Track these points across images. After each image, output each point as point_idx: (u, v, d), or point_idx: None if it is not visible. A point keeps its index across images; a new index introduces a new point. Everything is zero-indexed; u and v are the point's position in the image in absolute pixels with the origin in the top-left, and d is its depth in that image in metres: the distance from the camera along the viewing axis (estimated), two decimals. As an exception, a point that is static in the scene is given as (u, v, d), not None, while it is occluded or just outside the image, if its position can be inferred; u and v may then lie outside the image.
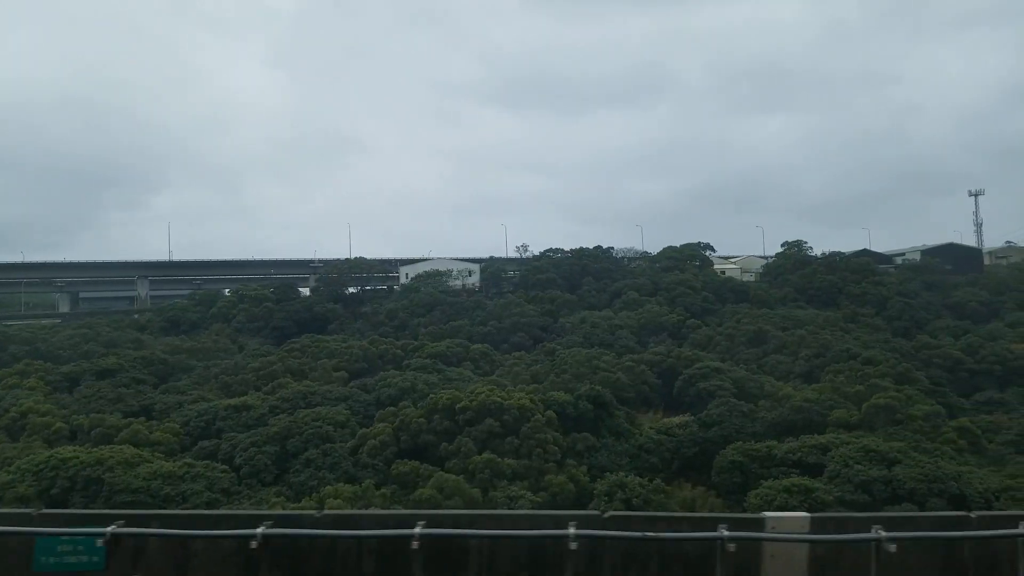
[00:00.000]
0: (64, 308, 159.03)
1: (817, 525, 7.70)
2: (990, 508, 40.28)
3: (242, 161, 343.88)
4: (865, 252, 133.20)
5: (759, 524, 7.75)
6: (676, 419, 60.95)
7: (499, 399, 46.90)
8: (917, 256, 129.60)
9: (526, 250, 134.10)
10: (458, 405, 46.81)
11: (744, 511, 43.64)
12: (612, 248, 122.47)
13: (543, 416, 47.67)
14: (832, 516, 8.77)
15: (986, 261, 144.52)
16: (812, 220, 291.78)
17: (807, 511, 10.25)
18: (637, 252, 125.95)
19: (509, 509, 38.38)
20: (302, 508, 33.00)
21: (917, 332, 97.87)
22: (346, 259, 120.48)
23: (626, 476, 42.32)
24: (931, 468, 43.12)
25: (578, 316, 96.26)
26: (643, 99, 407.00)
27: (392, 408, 50.27)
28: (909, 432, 52.71)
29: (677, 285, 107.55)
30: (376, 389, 56.21)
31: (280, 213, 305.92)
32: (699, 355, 77.13)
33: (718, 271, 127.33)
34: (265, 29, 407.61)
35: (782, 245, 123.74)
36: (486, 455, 42.95)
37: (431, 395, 49.13)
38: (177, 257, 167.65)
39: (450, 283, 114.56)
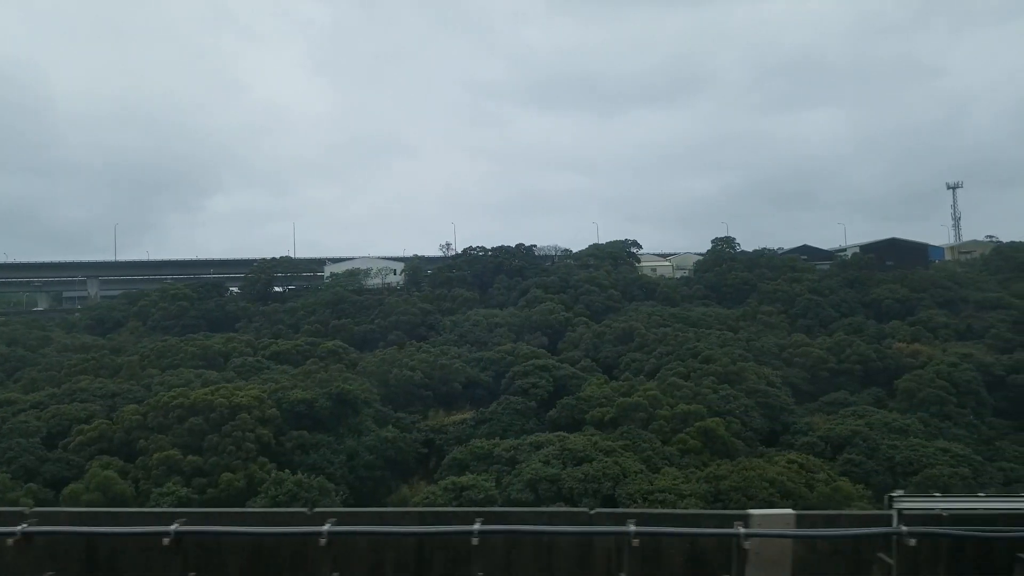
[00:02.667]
0: (43, 306, 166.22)
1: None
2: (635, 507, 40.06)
3: (289, 164, 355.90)
4: (805, 248, 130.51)
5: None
6: (454, 417, 61.49)
7: (212, 398, 48.25)
8: (858, 251, 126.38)
9: (449, 248, 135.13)
10: (172, 403, 48.36)
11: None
12: (534, 246, 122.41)
13: (260, 414, 48.86)
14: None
15: (948, 256, 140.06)
16: (858, 214, 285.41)
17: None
18: (559, 249, 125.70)
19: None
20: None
21: (820, 330, 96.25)
22: (272, 258, 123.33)
23: (292, 474, 43.37)
24: (596, 470, 42.99)
25: (463, 315, 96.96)
26: (679, 96, 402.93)
27: (135, 406, 52.09)
28: (651, 432, 52.28)
29: (584, 283, 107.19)
30: (152, 388, 58.15)
31: (325, 213, 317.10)
32: (537, 352, 77.25)
33: (649, 268, 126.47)
34: (305, 39, 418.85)
35: (712, 241, 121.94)
36: (167, 452, 44.38)
37: (158, 394, 50.79)
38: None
39: (368, 282, 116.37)
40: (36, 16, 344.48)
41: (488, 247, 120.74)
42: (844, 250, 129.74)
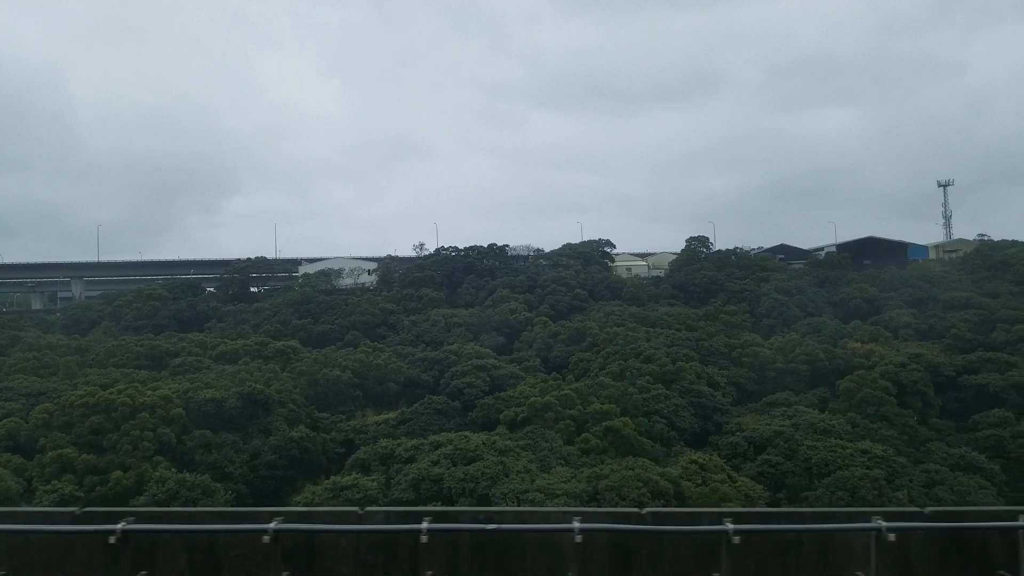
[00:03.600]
0: (38, 306, 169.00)
1: None
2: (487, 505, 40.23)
3: (304, 166, 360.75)
4: (782, 247, 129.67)
5: None
6: (379, 417, 61.93)
7: (116, 397, 49.01)
8: (834, 251, 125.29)
9: (422, 248, 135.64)
10: (77, 402, 49.20)
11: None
12: (507, 246, 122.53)
13: (165, 413, 49.54)
14: None
15: (932, 254, 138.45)
16: (869, 212, 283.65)
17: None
18: (532, 249, 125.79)
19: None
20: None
21: (784, 329, 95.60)
22: (247, 259, 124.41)
23: (179, 472, 44.06)
24: (477, 470, 43.22)
25: (424, 315, 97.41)
26: (692, 96, 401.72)
27: (47, 404, 53.00)
28: (556, 431, 52.39)
29: (551, 283, 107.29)
30: (79, 387, 59.10)
31: (337, 214, 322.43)
32: (481, 352, 77.57)
33: (624, 268, 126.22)
34: (319, 42, 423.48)
35: (686, 240, 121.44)
36: (61, 450, 45.19)
37: (68, 393, 51.66)
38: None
39: (341, 282, 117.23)
40: (57, 22, 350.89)
41: (461, 247, 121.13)
42: (821, 249, 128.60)
